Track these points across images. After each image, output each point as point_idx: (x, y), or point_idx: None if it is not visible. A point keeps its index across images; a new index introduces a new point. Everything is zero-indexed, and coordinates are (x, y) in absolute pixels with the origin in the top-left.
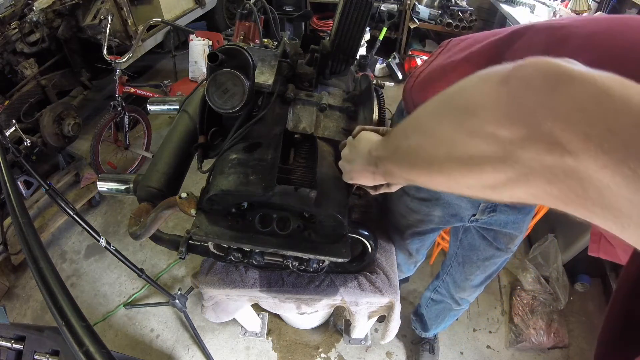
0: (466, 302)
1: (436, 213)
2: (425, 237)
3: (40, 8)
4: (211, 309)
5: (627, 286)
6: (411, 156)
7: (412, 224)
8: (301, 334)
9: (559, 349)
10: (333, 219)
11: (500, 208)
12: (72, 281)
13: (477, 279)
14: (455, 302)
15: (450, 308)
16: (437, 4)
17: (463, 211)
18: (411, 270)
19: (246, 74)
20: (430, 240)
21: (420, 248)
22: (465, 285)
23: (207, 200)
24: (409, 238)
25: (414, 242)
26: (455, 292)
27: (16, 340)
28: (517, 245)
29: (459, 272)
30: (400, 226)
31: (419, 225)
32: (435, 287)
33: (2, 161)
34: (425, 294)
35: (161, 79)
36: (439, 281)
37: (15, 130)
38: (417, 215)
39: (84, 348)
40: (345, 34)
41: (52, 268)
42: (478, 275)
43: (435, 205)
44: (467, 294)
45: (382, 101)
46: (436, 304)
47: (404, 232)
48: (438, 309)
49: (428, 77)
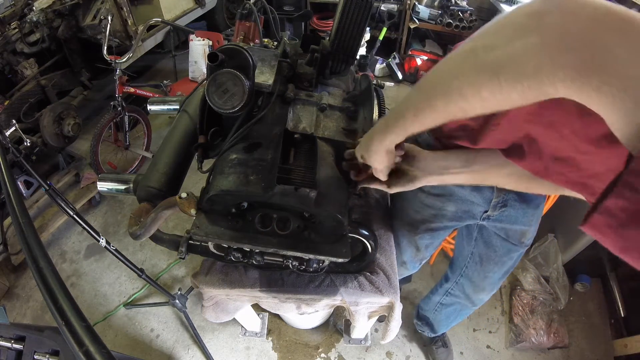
0: (481, 301)
1: (449, 208)
2: (436, 235)
3: (40, 8)
4: (211, 309)
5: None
6: (429, 85)
7: (427, 218)
8: (301, 334)
9: (559, 349)
10: (333, 219)
11: (511, 202)
12: (72, 281)
13: (496, 275)
14: (472, 303)
15: (463, 308)
16: (437, 4)
17: (475, 207)
18: (416, 267)
19: (246, 74)
20: (440, 240)
21: (429, 245)
22: (485, 284)
23: (207, 200)
24: (421, 233)
25: (425, 237)
26: (472, 293)
27: (16, 340)
28: (530, 239)
29: (476, 271)
30: (414, 222)
31: (432, 220)
32: (446, 290)
33: (2, 161)
34: (433, 299)
35: (161, 79)
36: (450, 284)
37: (15, 130)
38: (431, 210)
39: (84, 348)
40: (345, 34)
41: (52, 268)
42: (496, 272)
43: (448, 201)
44: (485, 293)
45: (382, 101)
46: (446, 307)
47: (418, 227)
48: (449, 311)
49: None
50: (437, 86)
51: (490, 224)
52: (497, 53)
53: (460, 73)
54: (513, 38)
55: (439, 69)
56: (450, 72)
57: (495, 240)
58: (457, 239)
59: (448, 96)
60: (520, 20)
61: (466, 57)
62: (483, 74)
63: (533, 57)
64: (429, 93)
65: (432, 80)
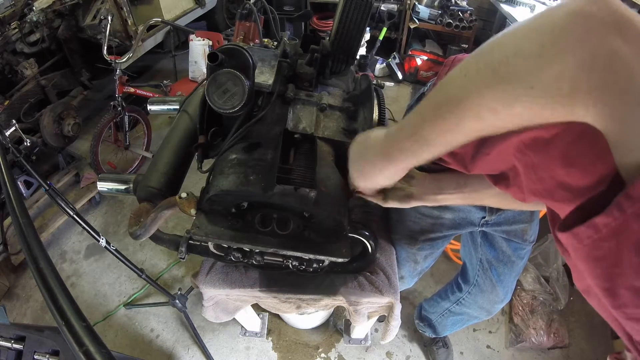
0: (497, 310)
1: (447, 216)
2: (435, 245)
3: (40, 8)
4: (211, 309)
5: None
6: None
7: (425, 228)
8: (301, 334)
9: (559, 349)
10: (333, 219)
11: None
12: (72, 281)
13: (508, 278)
14: (487, 312)
15: (472, 319)
16: (437, 4)
17: (472, 214)
18: (415, 280)
19: (246, 74)
20: (439, 250)
21: (428, 256)
22: (498, 291)
23: (207, 200)
24: (421, 244)
25: (425, 248)
26: (486, 303)
27: (16, 340)
28: (533, 236)
29: (487, 278)
30: (413, 233)
31: (431, 229)
32: (458, 299)
33: (2, 161)
34: (442, 304)
35: (161, 79)
36: (463, 293)
37: (15, 130)
38: (429, 220)
39: (84, 348)
40: (345, 34)
41: (52, 268)
42: (507, 274)
43: (446, 209)
44: (499, 302)
45: (382, 101)
46: (455, 315)
47: (417, 238)
48: (456, 319)
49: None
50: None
51: (490, 228)
52: (529, 63)
53: (482, 85)
54: (549, 50)
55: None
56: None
57: (500, 242)
58: (464, 248)
59: (473, 111)
60: (561, 23)
61: (495, 67)
62: (514, 85)
63: (570, 77)
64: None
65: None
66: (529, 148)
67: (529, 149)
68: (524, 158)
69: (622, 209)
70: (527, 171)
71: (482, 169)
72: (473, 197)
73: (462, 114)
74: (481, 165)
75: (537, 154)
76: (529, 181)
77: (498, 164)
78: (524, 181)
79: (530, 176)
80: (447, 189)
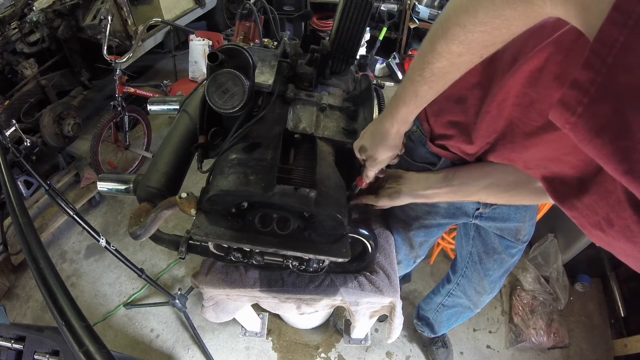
0: (483, 303)
1: (442, 204)
2: (430, 232)
3: (40, 8)
4: (211, 309)
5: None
6: (428, 37)
7: (420, 215)
8: (301, 334)
9: (559, 349)
10: (333, 219)
11: None
12: (72, 281)
13: (495, 274)
14: (474, 305)
15: (465, 311)
16: (437, 4)
17: (467, 204)
18: (411, 265)
19: (246, 74)
20: (434, 238)
21: (423, 243)
22: (485, 283)
23: (207, 200)
24: (415, 230)
25: (419, 234)
26: (474, 294)
27: (16, 340)
28: (526, 236)
29: (476, 271)
30: (408, 218)
31: (426, 217)
32: (448, 291)
33: (2, 161)
34: (435, 299)
35: (161, 79)
36: (452, 285)
37: (15, 130)
38: (424, 207)
39: (84, 348)
40: (345, 34)
41: (52, 268)
42: (496, 269)
43: None
44: (486, 294)
45: (382, 101)
46: (448, 308)
47: (411, 223)
48: (450, 313)
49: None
50: (437, 30)
51: (484, 222)
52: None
53: (454, 7)
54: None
55: (435, 21)
56: (444, 14)
57: (492, 237)
58: (457, 240)
59: (447, 32)
60: None
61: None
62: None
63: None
64: (431, 41)
65: (431, 30)
66: (526, 85)
67: (526, 86)
68: (524, 100)
69: (599, 54)
70: (525, 112)
71: (485, 132)
72: (463, 191)
73: (451, 28)
74: (485, 128)
75: (535, 86)
76: (529, 121)
77: (499, 121)
78: (523, 124)
79: (531, 116)
80: (436, 184)
